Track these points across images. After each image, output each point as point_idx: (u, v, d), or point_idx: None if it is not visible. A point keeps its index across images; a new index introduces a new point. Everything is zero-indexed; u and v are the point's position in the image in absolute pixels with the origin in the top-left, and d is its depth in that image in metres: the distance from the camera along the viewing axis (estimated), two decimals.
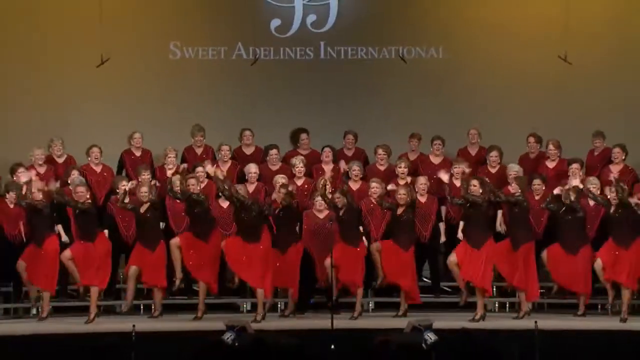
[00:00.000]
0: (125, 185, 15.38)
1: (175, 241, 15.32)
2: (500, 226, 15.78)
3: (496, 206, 15.56)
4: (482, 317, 14.86)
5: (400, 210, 15.26)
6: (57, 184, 15.53)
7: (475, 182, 15.28)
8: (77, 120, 17.70)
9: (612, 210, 15.01)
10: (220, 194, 15.50)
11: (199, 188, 15.26)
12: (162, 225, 15.78)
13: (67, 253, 15.07)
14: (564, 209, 15.07)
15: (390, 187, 15.50)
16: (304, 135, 17.08)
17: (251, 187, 16.06)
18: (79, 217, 15.18)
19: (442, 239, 15.96)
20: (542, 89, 18.04)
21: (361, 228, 15.54)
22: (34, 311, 15.78)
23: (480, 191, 15.14)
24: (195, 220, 15.27)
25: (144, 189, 15.27)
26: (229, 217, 15.67)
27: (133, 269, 15.20)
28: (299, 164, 16.37)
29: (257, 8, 18.42)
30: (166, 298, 15.75)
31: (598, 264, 14.98)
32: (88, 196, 15.32)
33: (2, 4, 18.05)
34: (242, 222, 15.07)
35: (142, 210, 15.25)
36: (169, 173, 16.22)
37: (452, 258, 15.09)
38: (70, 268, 15.12)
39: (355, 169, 16.28)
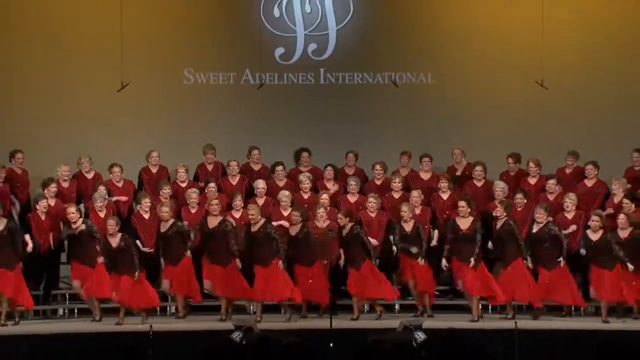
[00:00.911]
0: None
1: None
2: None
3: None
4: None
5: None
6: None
7: (462, 203, 15.31)
8: (99, 139, 17.64)
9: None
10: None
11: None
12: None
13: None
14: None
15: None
16: (305, 154, 17.00)
17: (260, 201, 15.99)
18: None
19: (434, 242, 15.83)
20: (521, 111, 18.02)
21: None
22: (60, 312, 15.82)
23: (468, 210, 15.22)
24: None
25: (165, 208, 15.17)
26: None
27: (165, 283, 15.15)
28: (305, 180, 16.33)
29: (263, 37, 18.36)
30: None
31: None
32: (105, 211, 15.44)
33: (33, 33, 17.98)
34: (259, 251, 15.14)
35: (163, 229, 15.12)
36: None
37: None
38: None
39: (352, 183, 16.26)
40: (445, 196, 16.22)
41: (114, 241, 14.84)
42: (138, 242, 15.45)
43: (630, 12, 18.21)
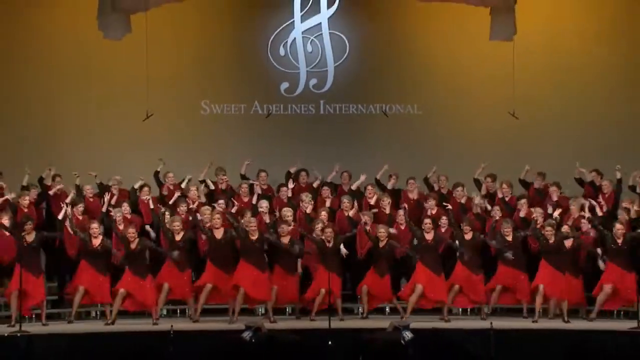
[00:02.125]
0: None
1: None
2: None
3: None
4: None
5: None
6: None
7: (444, 219, 15.33)
8: (128, 162, 17.59)
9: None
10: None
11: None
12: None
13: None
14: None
15: (392, 230, 15.49)
16: (303, 174, 16.83)
17: (266, 217, 15.86)
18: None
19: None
20: (495, 138, 18.03)
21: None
22: (92, 314, 15.73)
23: (447, 224, 15.25)
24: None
25: (177, 222, 15.02)
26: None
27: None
28: (306, 198, 16.20)
29: (270, 73, 18.41)
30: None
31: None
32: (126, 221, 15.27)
33: (69, 69, 18.05)
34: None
35: (177, 238, 14.92)
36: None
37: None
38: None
39: (345, 201, 16.09)
40: (433, 212, 16.01)
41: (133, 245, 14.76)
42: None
43: (596, 51, 18.25)
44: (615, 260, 14.89)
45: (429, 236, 15.13)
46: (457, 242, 15.21)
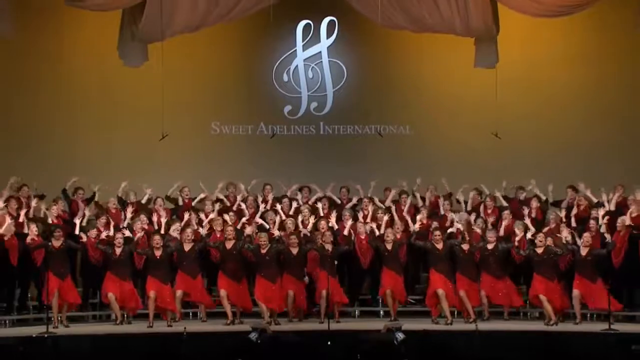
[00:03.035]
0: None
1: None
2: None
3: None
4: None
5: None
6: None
7: (438, 233, 15.22)
8: (145, 177, 17.25)
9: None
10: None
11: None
12: None
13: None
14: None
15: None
16: (305, 189, 16.80)
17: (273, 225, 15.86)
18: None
19: None
20: (480, 156, 17.96)
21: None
22: (112, 316, 15.59)
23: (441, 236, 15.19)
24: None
25: (189, 230, 15.07)
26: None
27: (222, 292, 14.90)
28: (305, 210, 16.19)
29: (274, 97, 18.43)
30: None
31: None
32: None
33: (92, 93, 18.06)
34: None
35: (187, 248, 14.90)
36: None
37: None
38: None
39: (346, 214, 15.99)
40: (423, 221, 15.88)
41: (158, 253, 14.80)
42: None
43: (571, 76, 18.24)
44: (581, 270, 14.83)
45: (439, 246, 15.11)
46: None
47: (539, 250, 14.79)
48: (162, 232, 15.41)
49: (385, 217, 15.65)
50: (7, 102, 17.91)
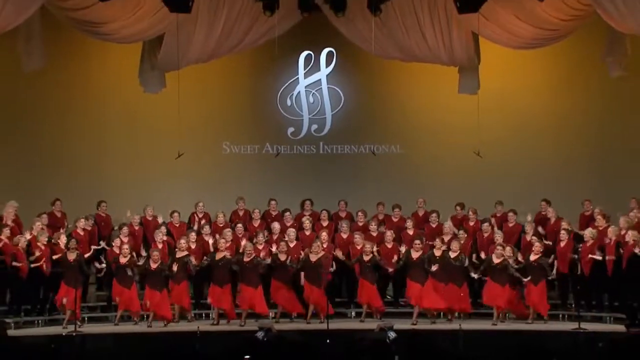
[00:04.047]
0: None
1: None
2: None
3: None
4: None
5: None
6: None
7: (417, 241, 15.41)
8: (162, 193, 17.61)
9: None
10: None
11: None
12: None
13: None
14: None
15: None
16: (307, 203, 16.96)
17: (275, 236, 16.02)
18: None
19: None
20: (463, 173, 17.96)
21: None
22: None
23: (421, 245, 15.33)
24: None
25: (222, 240, 15.33)
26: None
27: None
28: (306, 221, 16.42)
29: (279, 120, 18.41)
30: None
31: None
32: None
33: (115, 115, 18.03)
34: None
35: (219, 256, 15.12)
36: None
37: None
38: None
39: (344, 226, 16.27)
40: (411, 232, 16.20)
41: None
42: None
43: (545, 102, 18.19)
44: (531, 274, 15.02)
45: (415, 255, 15.23)
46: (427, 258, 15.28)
47: (496, 260, 15.04)
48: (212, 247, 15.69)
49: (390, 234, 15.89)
50: (38, 126, 17.89)
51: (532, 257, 15.04)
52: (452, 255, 15.21)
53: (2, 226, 15.06)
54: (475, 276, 15.24)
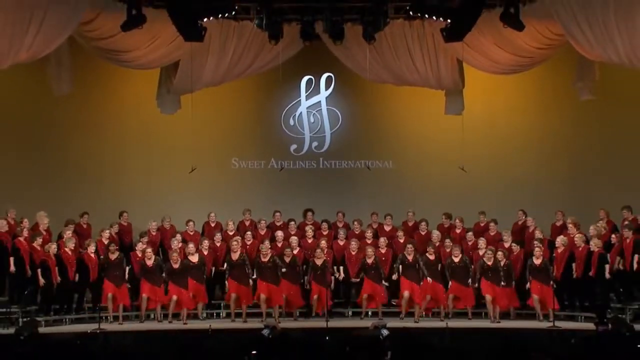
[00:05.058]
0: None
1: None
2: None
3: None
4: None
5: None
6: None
7: (410, 246, 15.52)
8: (177, 204, 17.65)
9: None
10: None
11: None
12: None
13: None
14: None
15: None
16: (309, 213, 17.04)
17: (280, 244, 16.09)
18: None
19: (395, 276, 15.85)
20: (450, 186, 17.96)
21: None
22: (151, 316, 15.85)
23: (413, 250, 15.43)
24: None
25: (235, 244, 15.51)
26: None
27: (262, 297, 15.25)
28: (309, 230, 16.45)
29: (283, 137, 18.37)
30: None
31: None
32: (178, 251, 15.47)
33: (132, 134, 18.00)
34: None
35: (234, 258, 15.34)
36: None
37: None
38: None
39: (341, 234, 16.39)
40: (402, 240, 16.29)
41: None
42: None
43: (523, 122, 18.16)
44: (537, 276, 15.07)
45: (410, 257, 15.36)
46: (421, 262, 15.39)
47: (489, 263, 15.15)
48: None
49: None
50: (66, 143, 17.89)
51: (536, 261, 15.05)
52: (456, 259, 15.29)
53: (37, 234, 15.17)
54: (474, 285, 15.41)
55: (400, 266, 15.43)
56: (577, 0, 14.72)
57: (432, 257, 15.48)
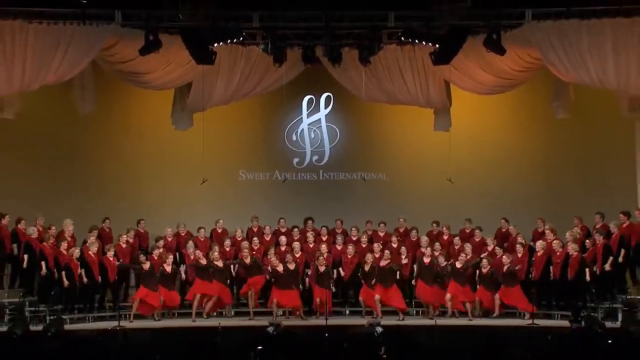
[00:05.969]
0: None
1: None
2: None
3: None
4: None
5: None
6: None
7: (403, 251, 15.63)
8: (190, 213, 17.65)
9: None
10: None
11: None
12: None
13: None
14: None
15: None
16: (309, 221, 17.03)
17: (283, 248, 16.13)
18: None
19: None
20: (438, 196, 17.87)
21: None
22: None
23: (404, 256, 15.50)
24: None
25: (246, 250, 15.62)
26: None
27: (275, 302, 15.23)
28: (310, 236, 16.47)
29: (286, 152, 18.29)
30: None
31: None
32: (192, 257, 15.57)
33: (147, 147, 17.92)
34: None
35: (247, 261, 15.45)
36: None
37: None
38: None
39: (339, 239, 16.40)
40: (395, 245, 16.27)
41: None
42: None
43: (507, 138, 18.11)
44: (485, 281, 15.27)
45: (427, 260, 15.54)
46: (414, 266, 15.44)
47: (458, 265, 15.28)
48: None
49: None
50: (88, 159, 17.88)
51: (504, 268, 15.20)
52: (458, 265, 15.36)
53: (63, 240, 15.28)
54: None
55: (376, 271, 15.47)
56: (553, 29, 14.97)
57: (427, 261, 15.48)
